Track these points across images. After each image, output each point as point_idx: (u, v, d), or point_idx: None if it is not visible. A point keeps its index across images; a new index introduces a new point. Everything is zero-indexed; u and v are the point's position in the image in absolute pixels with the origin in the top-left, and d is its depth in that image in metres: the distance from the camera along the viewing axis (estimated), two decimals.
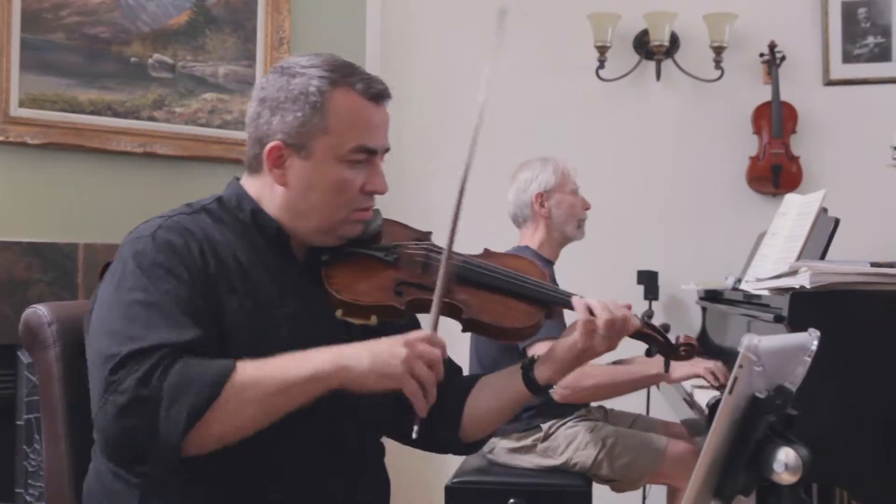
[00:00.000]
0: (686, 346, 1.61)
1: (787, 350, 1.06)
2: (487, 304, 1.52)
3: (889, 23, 3.75)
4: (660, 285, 3.72)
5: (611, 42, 3.77)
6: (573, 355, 1.52)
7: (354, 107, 1.45)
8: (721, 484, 1.04)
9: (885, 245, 3.32)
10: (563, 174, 2.87)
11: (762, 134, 3.76)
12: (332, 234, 1.49)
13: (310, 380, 1.29)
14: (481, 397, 1.61)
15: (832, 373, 2.03)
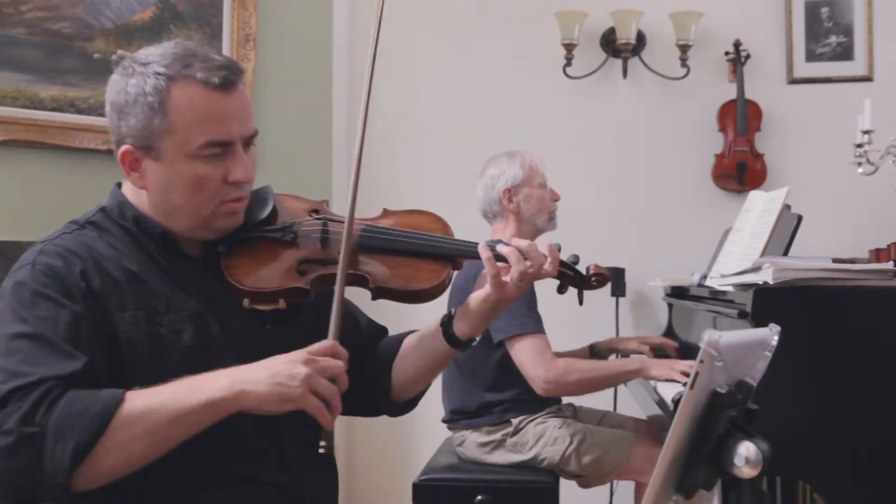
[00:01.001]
0: (597, 276, 1.60)
1: (748, 345, 1.07)
2: (393, 270, 1.49)
3: (851, 22, 3.79)
4: (626, 282, 3.74)
5: (578, 40, 3.78)
6: (489, 306, 1.49)
7: (197, 100, 1.37)
8: (683, 478, 1.04)
9: (847, 241, 3.35)
10: (530, 168, 2.87)
11: (727, 131, 3.79)
12: (208, 230, 1.45)
13: (204, 408, 1.25)
14: (408, 357, 1.60)
15: (795, 367, 2.06)
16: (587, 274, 1.59)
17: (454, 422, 2.81)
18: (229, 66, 1.41)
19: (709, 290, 2.72)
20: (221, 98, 1.38)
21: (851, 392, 2.07)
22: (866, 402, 2.07)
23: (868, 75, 3.76)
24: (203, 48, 1.44)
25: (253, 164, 1.45)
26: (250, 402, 1.26)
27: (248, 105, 1.44)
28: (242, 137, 1.42)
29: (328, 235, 1.49)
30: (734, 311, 2.27)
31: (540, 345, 2.60)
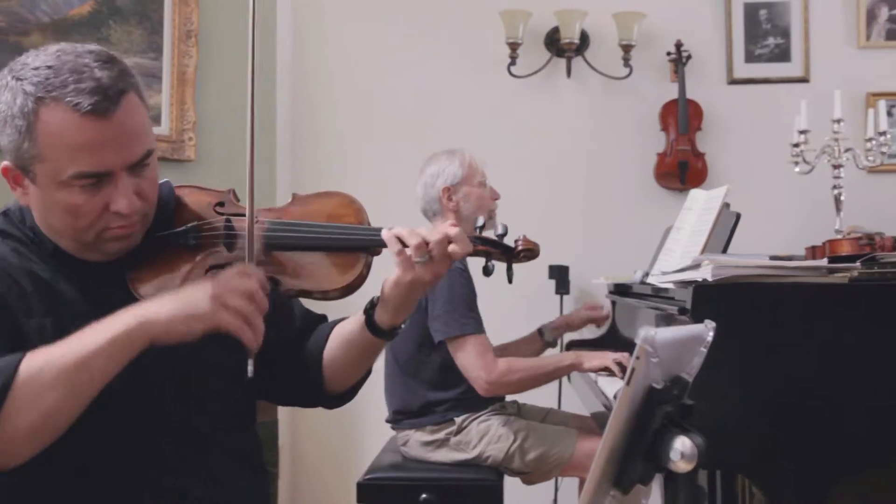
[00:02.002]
0: (525, 251, 1.51)
1: (684, 341, 1.08)
2: (305, 269, 1.41)
3: (788, 24, 3.87)
4: (571, 280, 3.77)
5: (522, 39, 3.80)
6: (402, 291, 1.40)
7: (66, 128, 1.24)
8: (620, 473, 1.05)
9: (785, 239, 3.42)
10: (469, 166, 2.87)
11: (669, 131, 3.85)
12: (94, 252, 1.36)
13: (110, 345, 1.20)
14: (336, 347, 1.53)
15: (735, 362, 2.09)
16: (515, 248, 1.50)
17: (398, 422, 2.81)
18: (109, 86, 1.26)
19: (651, 287, 2.75)
20: (94, 126, 1.24)
21: (788, 386, 2.11)
22: (802, 396, 2.10)
23: (804, 76, 3.84)
24: (90, 59, 1.28)
25: (150, 186, 1.36)
26: (157, 330, 1.21)
27: (133, 127, 1.29)
28: (123, 166, 1.29)
29: (232, 234, 1.41)
30: (675, 307, 2.30)
31: (481, 345, 2.61)
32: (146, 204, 1.35)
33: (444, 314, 2.63)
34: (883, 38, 3.87)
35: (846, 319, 2.12)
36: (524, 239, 1.51)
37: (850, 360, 2.11)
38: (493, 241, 1.49)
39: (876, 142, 3.21)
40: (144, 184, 1.34)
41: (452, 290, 2.62)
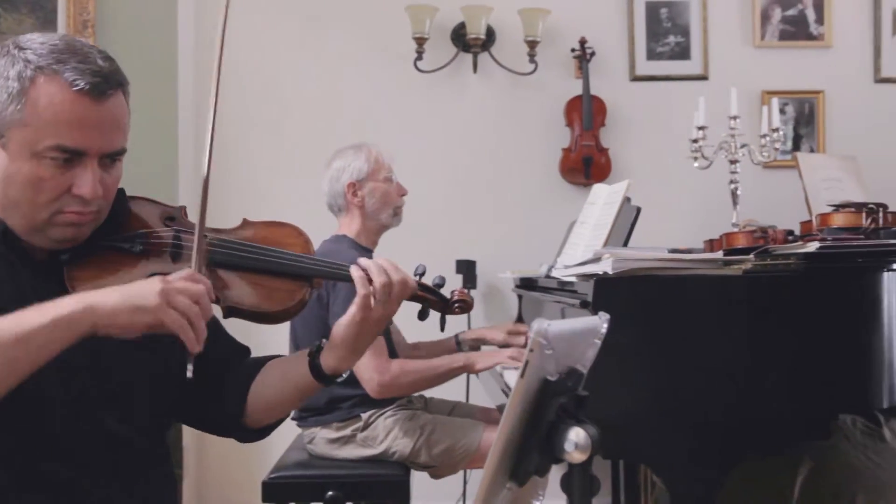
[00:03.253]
0: (460, 303, 1.55)
1: (577, 333, 1.09)
2: (246, 289, 1.42)
3: (688, 23, 3.97)
4: (478, 274, 3.79)
5: (429, 34, 3.80)
6: (354, 332, 1.43)
7: (58, 100, 1.28)
8: (516, 466, 1.06)
9: (685, 232, 3.51)
10: (376, 161, 2.85)
11: (574, 126, 3.90)
12: (41, 235, 1.35)
13: (52, 324, 1.18)
14: (268, 381, 1.53)
15: (635, 354, 2.13)
16: (450, 300, 1.54)
17: (304, 419, 2.78)
18: (108, 74, 1.31)
19: (556, 280, 2.78)
20: (86, 104, 1.29)
21: (686, 376, 2.15)
22: (700, 385, 2.15)
23: (703, 74, 3.95)
24: (93, 50, 1.34)
25: (113, 183, 1.37)
26: (101, 317, 1.20)
27: (118, 120, 1.34)
28: (100, 151, 1.32)
29: (180, 247, 1.41)
30: (577, 300, 2.33)
31: (377, 348, 2.59)
32: (105, 199, 1.36)
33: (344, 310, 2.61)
34: (776, 39, 4.00)
35: (740, 310, 2.18)
36: (459, 291, 1.56)
37: (745, 349, 2.17)
38: (432, 289, 1.53)
39: (769, 138, 3.32)
40: (109, 180, 1.35)
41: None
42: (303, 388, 1.49)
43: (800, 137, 4.01)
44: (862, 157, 3.37)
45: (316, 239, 1.67)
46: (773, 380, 2.18)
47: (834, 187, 3.18)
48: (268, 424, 1.57)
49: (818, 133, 4.00)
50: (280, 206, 3.51)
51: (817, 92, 4.00)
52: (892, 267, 2.33)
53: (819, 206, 2.90)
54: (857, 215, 2.46)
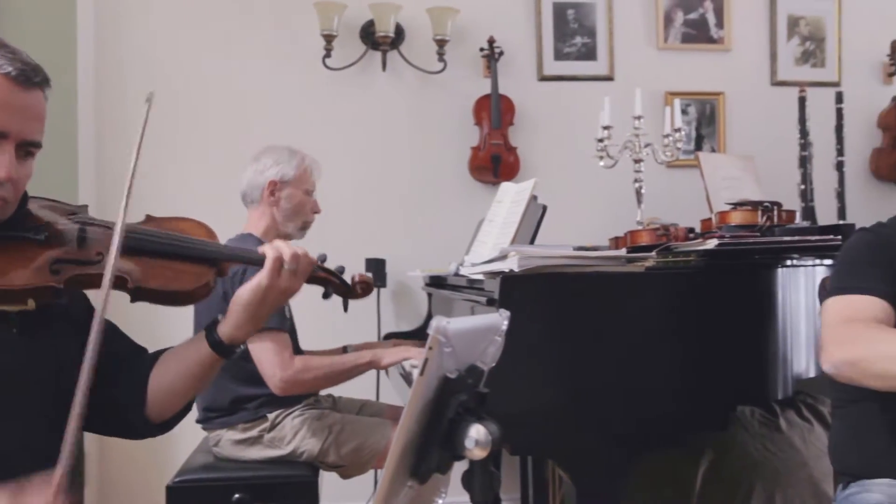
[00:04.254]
0: (362, 284, 1.65)
1: (477, 331, 1.10)
2: (153, 271, 1.45)
3: (594, 25, 4.03)
4: (388, 272, 3.78)
5: (337, 31, 3.77)
6: (258, 298, 1.47)
7: None
8: (417, 463, 1.05)
9: (592, 229, 3.57)
10: (304, 171, 2.83)
11: (483, 125, 3.92)
12: None
13: None
14: (167, 368, 1.53)
15: (541, 351, 2.15)
16: (352, 282, 1.64)
17: (208, 420, 2.72)
18: (36, 68, 1.36)
19: (466, 279, 2.80)
20: (12, 89, 1.32)
21: (592, 372, 2.18)
22: (604, 380, 2.19)
23: (609, 75, 4.02)
24: (22, 51, 1.37)
25: (25, 177, 1.38)
26: None
27: (39, 113, 1.38)
28: (20, 136, 1.34)
29: (85, 235, 1.42)
30: (485, 298, 2.35)
31: (281, 342, 2.57)
32: (14, 190, 1.36)
33: None
34: (679, 41, 4.11)
35: (643, 306, 2.22)
36: (360, 275, 1.66)
37: (647, 344, 2.21)
38: (333, 272, 1.63)
39: (672, 138, 3.39)
40: (22, 170, 1.36)
41: None
42: (201, 365, 1.51)
43: (701, 137, 4.12)
44: (759, 157, 3.48)
45: (220, 237, 1.65)
46: (674, 374, 2.24)
47: (733, 186, 3.27)
48: (170, 417, 1.56)
49: (719, 133, 4.12)
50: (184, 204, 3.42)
51: (718, 93, 4.12)
52: (786, 263, 2.41)
53: (720, 204, 2.98)
54: (753, 213, 2.55)
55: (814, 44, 4.24)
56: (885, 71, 4.28)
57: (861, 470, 1.79)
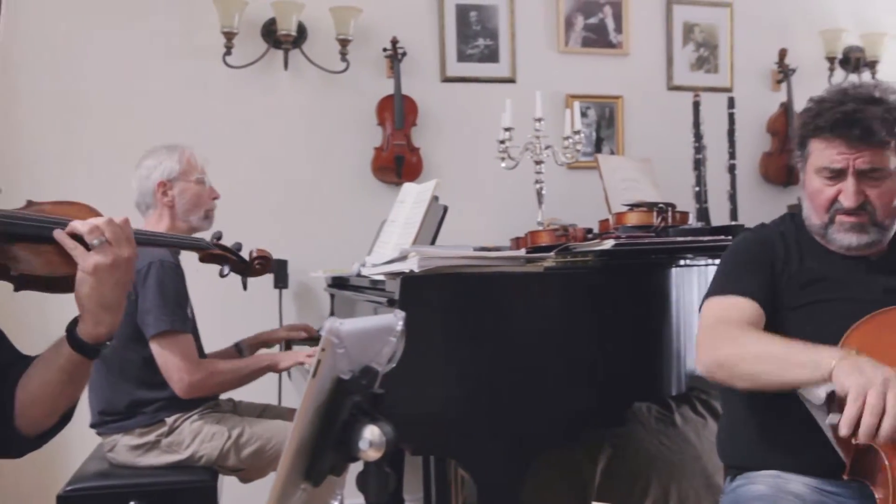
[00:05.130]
0: (260, 259, 1.60)
1: (371, 332, 1.09)
2: (38, 257, 1.38)
3: (496, 27, 4.07)
4: (289, 273, 3.74)
5: (238, 28, 3.71)
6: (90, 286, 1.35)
7: None
8: (310, 466, 1.05)
9: (494, 230, 3.60)
10: (188, 162, 2.79)
11: (386, 125, 3.92)
12: None
13: None
14: (32, 376, 1.43)
15: (442, 351, 2.17)
16: (250, 258, 1.55)
17: (103, 425, 2.65)
18: None
19: (368, 279, 2.79)
20: None
21: (491, 371, 2.20)
22: (504, 379, 2.21)
23: (511, 77, 4.07)
24: None
25: None
26: None
27: None
28: None
29: None
30: (386, 299, 2.35)
31: (186, 345, 2.54)
32: None
33: (154, 308, 2.53)
34: (579, 45, 4.18)
35: (541, 306, 2.26)
36: (258, 249, 1.57)
37: (546, 343, 2.25)
38: (229, 248, 1.56)
39: (572, 140, 3.45)
40: None
41: (164, 284, 2.53)
42: (67, 369, 1.40)
43: (601, 140, 4.21)
44: (656, 160, 3.58)
45: None
46: (572, 372, 2.28)
47: (631, 187, 3.35)
48: (48, 429, 1.46)
49: (618, 136, 4.21)
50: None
51: (617, 97, 4.21)
52: (680, 263, 2.48)
53: (618, 205, 3.04)
54: (648, 214, 2.61)
55: (708, 50, 4.37)
56: (774, 78, 4.45)
57: (746, 463, 1.85)
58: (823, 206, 1.81)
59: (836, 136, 1.75)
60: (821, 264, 1.85)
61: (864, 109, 1.73)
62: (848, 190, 1.76)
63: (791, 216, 2.00)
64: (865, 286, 1.79)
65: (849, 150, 1.74)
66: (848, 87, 1.83)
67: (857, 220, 1.78)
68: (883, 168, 1.75)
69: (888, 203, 1.78)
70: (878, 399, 1.40)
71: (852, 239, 1.79)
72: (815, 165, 1.81)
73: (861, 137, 1.72)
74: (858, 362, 1.47)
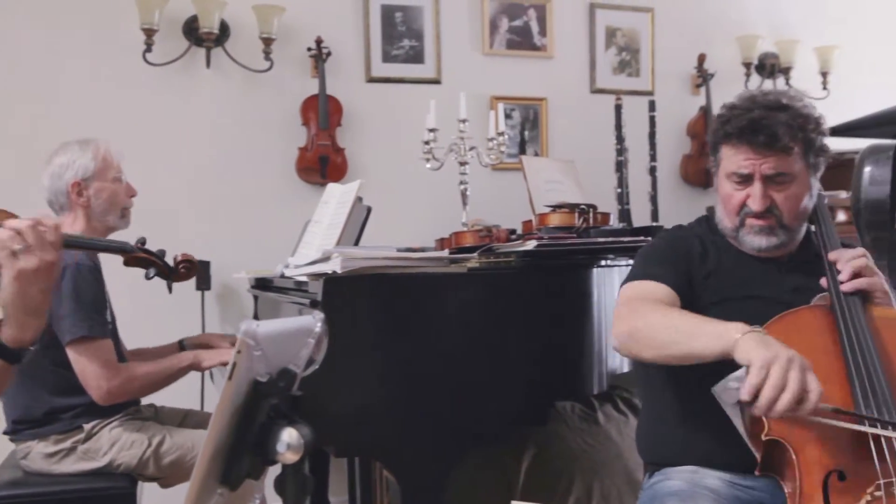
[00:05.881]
0: (185, 263, 1.59)
1: (289, 333, 1.09)
2: None
3: (422, 28, 4.08)
4: (212, 275, 3.69)
5: (158, 25, 3.64)
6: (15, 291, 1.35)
7: None
8: (227, 470, 1.03)
9: (420, 231, 3.61)
10: (104, 160, 2.68)
11: (310, 125, 3.89)
12: None
13: None
14: None
15: (365, 351, 2.16)
16: (175, 262, 1.56)
17: (18, 432, 2.57)
18: None
19: (293, 280, 2.76)
20: None
21: (416, 373, 2.21)
22: (427, 381, 2.22)
23: (436, 78, 4.08)
24: None
25: None
26: None
27: None
28: None
29: None
30: (309, 300, 2.33)
31: (105, 351, 2.46)
32: None
33: (71, 313, 2.44)
34: (504, 47, 4.22)
35: (465, 306, 2.26)
36: (182, 254, 1.55)
37: (469, 343, 2.26)
38: (154, 252, 1.52)
39: (496, 141, 3.47)
40: None
41: (80, 288, 2.44)
42: None
43: (525, 141, 4.25)
44: (580, 161, 3.62)
45: None
46: (496, 372, 2.29)
47: (555, 189, 3.38)
48: None
49: (542, 138, 4.26)
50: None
51: (541, 99, 4.26)
52: (601, 263, 2.52)
53: (542, 206, 3.07)
54: (570, 215, 2.64)
55: (630, 54, 4.45)
56: (693, 82, 4.56)
57: (664, 459, 1.89)
58: (734, 210, 1.87)
59: (743, 142, 1.81)
60: (733, 265, 1.90)
61: (770, 116, 1.79)
62: (755, 194, 1.82)
63: (706, 218, 2.06)
64: (776, 286, 1.84)
65: (755, 156, 1.80)
66: (757, 94, 1.88)
67: (765, 223, 1.83)
68: (788, 173, 1.81)
69: (794, 206, 1.84)
70: (780, 373, 1.45)
71: (762, 241, 1.85)
72: (726, 170, 1.87)
73: (766, 144, 1.78)
74: (765, 338, 1.52)
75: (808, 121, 1.82)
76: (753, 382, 1.46)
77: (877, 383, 1.60)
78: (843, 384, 1.63)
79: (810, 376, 1.47)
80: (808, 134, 1.81)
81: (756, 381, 1.46)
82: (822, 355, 1.66)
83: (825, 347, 1.69)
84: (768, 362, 1.46)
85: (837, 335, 1.70)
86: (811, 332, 1.71)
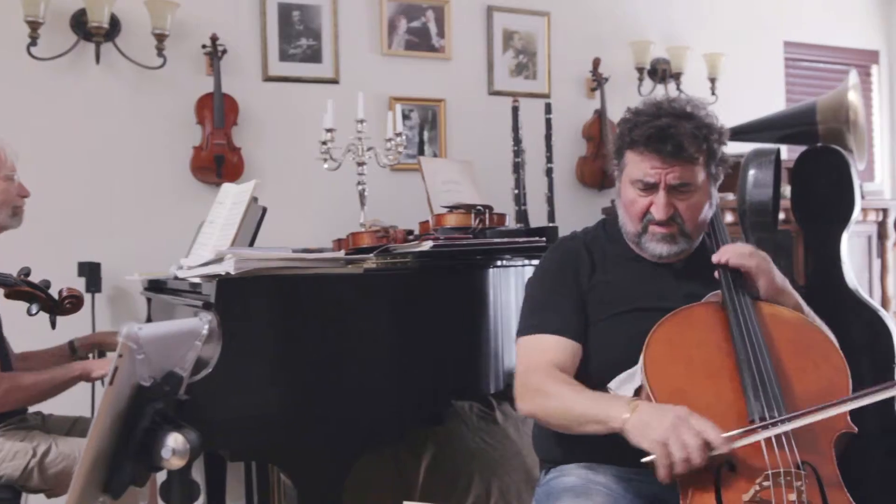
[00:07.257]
0: (71, 299, 1.55)
1: (175, 336, 1.06)
2: None
3: (319, 27, 4.04)
4: (102, 276, 3.58)
5: (44, 18, 3.51)
6: None
7: None
8: (109, 477, 1.01)
9: (317, 232, 3.58)
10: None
11: (205, 124, 3.81)
12: None
13: None
14: None
15: (259, 354, 2.13)
16: (60, 297, 1.52)
17: None
18: None
19: (188, 282, 2.70)
20: None
21: (311, 375, 2.19)
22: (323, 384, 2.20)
23: (334, 78, 4.05)
24: None
25: None
26: None
27: None
28: None
29: None
30: (202, 302, 2.28)
31: None
32: None
33: None
34: (402, 48, 4.22)
35: (361, 307, 2.26)
36: (68, 288, 1.51)
37: (366, 344, 2.26)
38: (37, 286, 1.45)
39: (394, 142, 3.47)
40: None
41: None
42: None
43: (423, 142, 4.26)
44: (478, 162, 3.65)
45: None
46: (392, 372, 2.29)
47: (453, 190, 3.40)
48: None
49: (440, 138, 4.27)
50: None
51: (439, 100, 4.27)
52: (497, 264, 2.55)
53: (439, 207, 3.08)
54: (466, 216, 2.67)
55: (527, 57, 4.51)
56: (589, 86, 4.65)
57: (558, 457, 1.92)
58: (637, 216, 1.89)
59: (650, 150, 1.83)
60: (627, 271, 1.94)
61: (677, 125, 1.81)
62: (659, 203, 1.85)
63: (603, 223, 2.08)
64: (670, 292, 1.89)
65: (661, 165, 1.83)
66: (663, 101, 1.90)
67: (667, 230, 1.87)
68: (691, 183, 1.85)
69: (696, 215, 1.88)
70: (678, 445, 1.53)
71: (663, 249, 1.89)
72: (631, 177, 1.89)
73: (673, 153, 1.81)
74: (643, 419, 1.59)
75: (712, 131, 1.86)
76: (665, 464, 1.54)
77: (766, 377, 1.66)
78: (734, 378, 1.69)
79: (700, 425, 1.55)
80: (711, 144, 1.86)
81: (666, 463, 1.54)
82: (715, 350, 1.73)
83: (717, 343, 1.75)
84: (663, 442, 1.54)
85: (729, 331, 1.76)
86: (704, 327, 1.77)
